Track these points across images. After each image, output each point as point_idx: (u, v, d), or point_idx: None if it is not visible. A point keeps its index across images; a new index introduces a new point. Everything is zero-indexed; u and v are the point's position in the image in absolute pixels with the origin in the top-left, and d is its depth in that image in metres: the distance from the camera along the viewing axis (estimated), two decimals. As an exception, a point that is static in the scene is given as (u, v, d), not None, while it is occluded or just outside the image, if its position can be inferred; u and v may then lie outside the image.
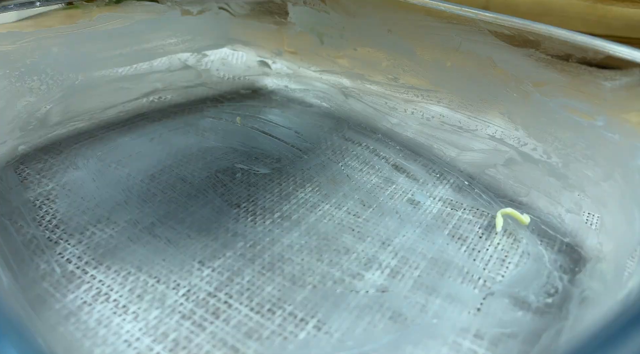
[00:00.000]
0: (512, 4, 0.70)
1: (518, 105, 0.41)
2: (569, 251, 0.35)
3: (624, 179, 0.33)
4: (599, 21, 0.67)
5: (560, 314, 0.29)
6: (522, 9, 0.70)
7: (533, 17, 0.70)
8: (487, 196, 0.41)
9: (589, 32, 0.69)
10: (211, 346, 0.28)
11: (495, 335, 0.29)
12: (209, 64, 0.58)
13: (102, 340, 0.28)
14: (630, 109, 0.33)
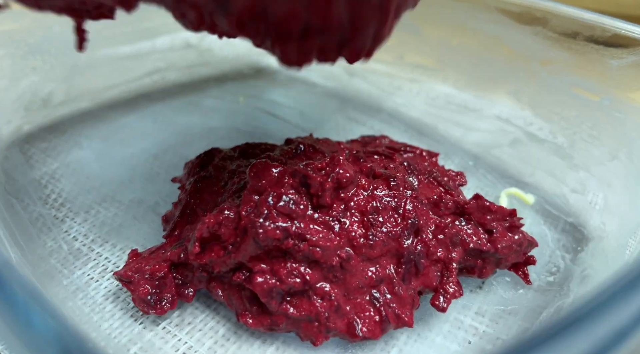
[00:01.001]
0: (521, -19, 0.68)
1: (525, 84, 0.40)
2: (572, 231, 0.35)
3: (629, 159, 0.33)
4: (611, 0, 0.65)
5: (562, 292, 0.30)
6: (531, -14, 0.68)
7: (542, -5, 0.69)
8: (492, 176, 0.41)
9: (599, 9, 0.68)
10: (216, 322, 0.28)
11: (496, 312, 0.29)
12: (211, 43, 0.58)
13: (110, 315, 0.28)
14: (637, 87, 0.33)
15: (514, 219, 0.29)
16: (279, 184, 0.26)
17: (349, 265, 0.26)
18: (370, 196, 0.27)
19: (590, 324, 0.13)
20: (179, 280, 0.28)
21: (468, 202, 0.29)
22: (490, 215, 0.29)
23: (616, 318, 0.13)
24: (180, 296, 0.28)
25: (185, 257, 0.27)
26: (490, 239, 0.29)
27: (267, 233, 0.25)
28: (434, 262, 0.28)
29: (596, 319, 0.13)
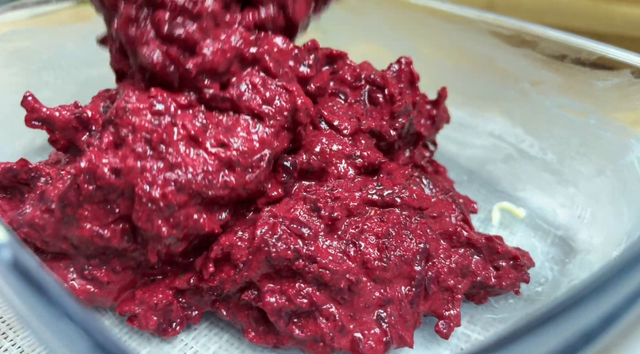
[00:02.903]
0: (517, 1, 0.70)
1: (516, 103, 0.42)
2: (561, 244, 0.36)
3: (614, 175, 0.34)
4: (602, 19, 0.67)
5: (549, 301, 0.31)
6: (526, 6, 0.71)
7: (537, 14, 0.71)
8: (485, 190, 0.42)
9: (592, 29, 0.70)
10: (220, 329, 0.30)
11: (488, 321, 0.31)
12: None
13: (119, 320, 0.30)
14: (620, 108, 0.34)
15: (519, 260, 0.30)
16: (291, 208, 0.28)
17: (357, 288, 0.27)
18: (383, 221, 0.29)
19: (556, 325, 0.14)
20: (184, 304, 0.29)
21: (478, 240, 0.30)
22: (498, 255, 0.30)
23: (583, 319, 0.15)
24: (187, 319, 0.29)
25: (196, 282, 0.28)
26: (497, 275, 0.30)
27: (280, 253, 0.26)
28: (443, 290, 0.29)
29: (564, 320, 0.15)
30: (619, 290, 0.16)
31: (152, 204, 0.24)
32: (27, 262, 0.15)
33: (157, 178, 0.25)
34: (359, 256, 0.27)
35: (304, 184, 0.31)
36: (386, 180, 0.31)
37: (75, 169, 0.25)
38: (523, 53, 0.40)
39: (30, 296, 0.14)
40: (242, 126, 0.28)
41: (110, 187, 0.25)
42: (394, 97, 0.35)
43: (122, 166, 0.25)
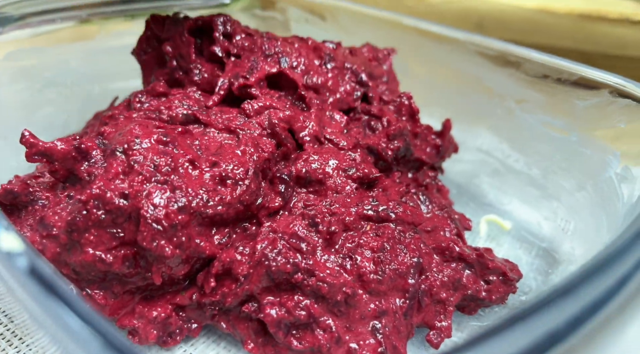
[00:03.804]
0: (505, 21, 0.73)
1: (502, 120, 0.44)
2: (545, 255, 0.38)
3: (594, 190, 0.36)
4: (587, 39, 0.70)
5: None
6: (515, 26, 0.73)
7: (524, 34, 0.74)
8: (473, 203, 0.44)
9: (578, 48, 0.73)
10: (217, 336, 0.31)
11: (473, 328, 0.32)
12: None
13: (120, 329, 0.31)
14: (599, 126, 0.36)
15: (508, 275, 0.32)
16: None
17: (353, 300, 0.28)
18: (378, 236, 0.30)
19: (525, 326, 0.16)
20: (184, 317, 0.30)
21: (470, 255, 0.32)
22: (488, 271, 0.32)
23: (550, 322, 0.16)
24: (187, 332, 0.30)
25: (198, 298, 0.29)
26: (487, 288, 0.32)
27: (279, 267, 0.27)
28: (435, 302, 0.31)
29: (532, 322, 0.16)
30: (584, 296, 0.18)
31: (157, 225, 0.26)
32: (42, 269, 0.17)
33: (161, 200, 0.27)
34: (355, 270, 0.29)
35: (303, 196, 0.32)
36: (381, 196, 0.33)
37: (85, 196, 0.26)
38: (508, 73, 0.41)
39: (46, 300, 0.16)
40: (225, 144, 0.31)
41: (118, 211, 0.26)
42: (391, 123, 0.37)
43: (129, 190, 0.27)
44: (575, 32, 0.70)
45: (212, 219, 0.28)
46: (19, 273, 0.17)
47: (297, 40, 0.41)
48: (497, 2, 0.72)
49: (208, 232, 0.29)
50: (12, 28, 0.47)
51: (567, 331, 0.17)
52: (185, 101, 0.35)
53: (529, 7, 0.70)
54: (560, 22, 0.69)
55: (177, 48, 0.39)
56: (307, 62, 0.38)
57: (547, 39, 0.72)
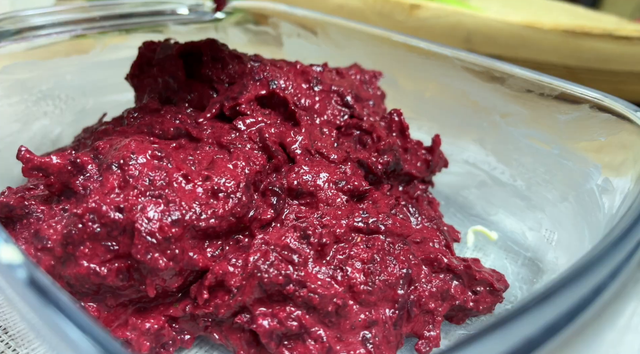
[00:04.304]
0: (492, 36, 0.75)
1: (488, 133, 0.45)
2: (530, 265, 0.39)
3: (576, 201, 0.37)
4: (571, 54, 0.72)
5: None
6: (502, 41, 0.75)
7: (511, 48, 0.76)
8: (461, 214, 0.45)
9: (563, 63, 0.75)
10: (210, 346, 0.32)
11: (460, 337, 0.33)
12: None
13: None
14: (580, 139, 0.38)
15: (495, 285, 0.33)
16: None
17: (344, 311, 0.28)
18: (368, 248, 0.31)
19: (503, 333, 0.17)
20: (177, 329, 0.30)
21: (458, 267, 0.32)
22: (476, 282, 0.33)
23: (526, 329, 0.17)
24: (180, 343, 0.30)
25: (191, 310, 0.30)
26: (474, 299, 0.32)
27: (272, 278, 0.28)
28: (424, 312, 0.31)
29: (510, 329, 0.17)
30: (559, 304, 0.18)
31: (151, 238, 0.27)
32: (41, 280, 0.17)
33: (155, 214, 0.27)
34: (346, 281, 0.29)
35: (295, 208, 0.33)
36: (371, 208, 0.34)
37: (82, 209, 0.27)
38: (493, 88, 0.43)
39: (45, 310, 0.16)
40: (217, 158, 0.32)
41: (113, 224, 0.27)
42: (381, 139, 0.38)
43: (125, 204, 0.27)
44: (560, 47, 0.72)
45: (206, 232, 0.29)
46: (19, 284, 0.17)
47: (285, 64, 0.42)
48: (484, 18, 0.74)
49: (201, 245, 0.29)
50: (8, 42, 0.47)
51: (544, 337, 0.18)
52: (177, 117, 0.36)
53: (516, 23, 0.72)
54: (546, 37, 0.71)
55: (168, 70, 0.40)
56: (296, 85, 0.39)
57: (533, 53, 0.74)
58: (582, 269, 0.20)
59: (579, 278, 0.20)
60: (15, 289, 0.17)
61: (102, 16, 0.52)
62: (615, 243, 0.22)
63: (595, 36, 0.69)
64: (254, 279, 0.28)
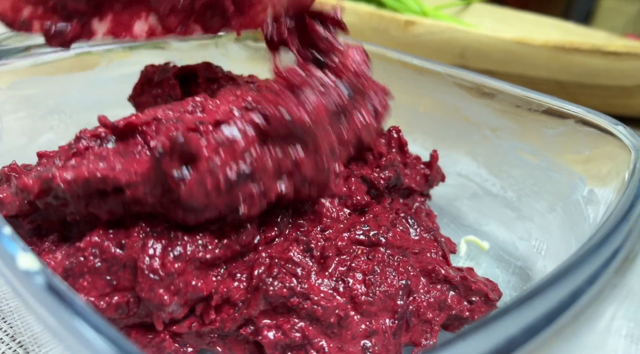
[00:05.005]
0: (485, 51, 0.77)
1: (480, 146, 0.47)
2: (520, 273, 0.40)
3: (564, 212, 0.39)
4: (561, 69, 0.74)
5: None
6: (494, 56, 0.77)
7: (504, 63, 0.78)
8: (454, 224, 0.47)
9: (554, 78, 0.77)
10: None
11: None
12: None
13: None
14: (566, 152, 0.39)
15: (490, 296, 0.34)
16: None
17: (345, 322, 0.29)
18: (369, 260, 0.32)
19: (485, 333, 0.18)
20: (180, 342, 0.31)
21: (454, 278, 0.34)
22: (471, 292, 0.34)
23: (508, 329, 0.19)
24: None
25: (197, 327, 0.30)
26: (470, 308, 0.34)
27: (276, 291, 0.29)
28: (422, 322, 0.32)
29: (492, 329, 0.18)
30: (538, 307, 0.20)
31: (154, 275, 0.27)
32: (58, 285, 0.19)
33: (157, 250, 0.28)
34: (348, 292, 0.30)
35: (298, 222, 0.34)
36: (372, 221, 0.35)
37: (84, 243, 0.27)
38: (484, 103, 0.45)
39: (63, 313, 0.18)
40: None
41: (114, 260, 0.27)
42: (382, 155, 0.39)
43: (126, 240, 0.28)
44: (550, 62, 0.74)
45: (209, 261, 0.29)
46: (37, 290, 0.19)
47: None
48: (477, 34, 0.76)
49: (205, 274, 0.30)
50: (16, 59, 0.49)
51: (525, 337, 0.19)
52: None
53: (508, 39, 0.74)
54: (537, 53, 0.74)
55: (166, 90, 0.42)
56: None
57: (525, 68, 0.76)
58: (560, 275, 0.21)
59: (557, 283, 0.21)
60: (34, 294, 0.19)
61: (107, 34, 0.54)
62: (592, 251, 0.23)
63: (584, 52, 0.72)
64: (259, 292, 0.29)
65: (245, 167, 0.28)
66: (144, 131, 0.29)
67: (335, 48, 0.37)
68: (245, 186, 0.29)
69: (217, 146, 0.27)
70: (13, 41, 0.49)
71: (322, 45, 0.38)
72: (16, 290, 0.20)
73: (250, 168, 0.28)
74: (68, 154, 0.29)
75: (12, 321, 0.32)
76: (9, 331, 0.34)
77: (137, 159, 0.28)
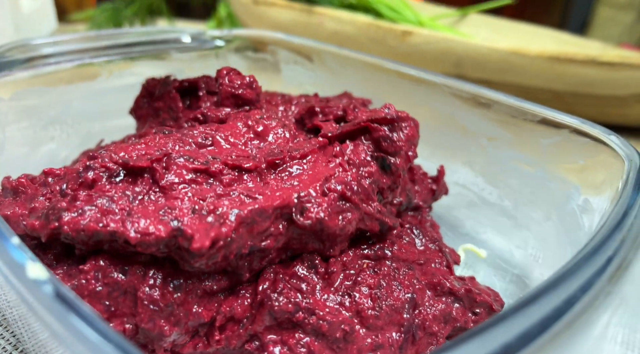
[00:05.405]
0: (481, 61, 0.78)
1: (477, 156, 0.48)
2: (517, 281, 0.41)
3: (559, 220, 0.40)
4: (557, 78, 0.75)
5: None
6: (490, 66, 0.78)
7: (499, 73, 0.79)
8: (452, 233, 0.47)
9: (549, 87, 0.78)
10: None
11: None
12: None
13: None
14: (561, 161, 0.40)
15: (494, 307, 0.34)
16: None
17: (351, 337, 0.30)
18: (375, 274, 0.32)
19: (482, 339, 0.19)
20: None
21: (459, 290, 0.34)
22: (476, 304, 0.34)
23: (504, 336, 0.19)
24: None
25: (202, 348, 0.30)
26: (474, 319, 0.34)
27: (282, 306, 0.29)
28: (428, 335, 0.32)
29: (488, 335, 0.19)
30: (533, 314, 0.20)
31: (154, 306, 0.27)
32: (66, 294, 0.19)
33: (157, 281, 0.28)
34: (354, 306, 0.30)
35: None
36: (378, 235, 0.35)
37: (88, 266, 0.27)
38: (480, 113, 0.45)
39: (70, 320, 0.18)
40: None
41: (115, 285, 0.27)
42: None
43: (128, 267, 0.28)
44: (546, 72, 0.75)
45: (212, 291, 0.29)
46: (46, 298, 0.19)
47: (280, 98, 0.45)
48: (473, 44, 0.77)
49: (206, 301, 0.30)
50: (19, 70, 0.50)
51: (520, 343, 0.20)
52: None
53: (503, 49, 0.75)
54: (532, 63, 0.75)
55: (167, 102, 0.42)
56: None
57: (521, 78, 0.77)
58: (555, 283, 0.22)
59: (552, 290, 0.22)
60: (42, 302, 0.19)
61: (108, 45, 0.54)
62: (586, 259, 0.24)
63: (579, 62, 0.73)
64: (264, 307, 0.29)
65: (261, 244, 0.29)
66: (154, 168, 0.29)
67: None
68: (254, 256, 0.30)
69: (239, 225, 0.27)
70: (15, 53, 0.50)
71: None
72: (24, 298, 0.20)
73: (266, 246, 0.29)
74: (75, 184, 0.29)
75: (15, 330, 0.32)
76: (12, 340, 0.34)
77: (150, 216, 0.27)
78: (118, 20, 1.04)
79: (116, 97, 0.57)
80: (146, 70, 0.59)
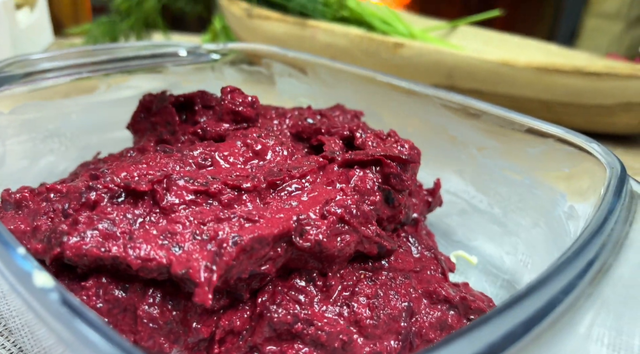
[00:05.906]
0: (472, 72, 0.80)
1: (467, 165, 0.49)
2: (508, 286, 0.42)
3: (547, 227, 0.41)
4: (545, 88, 0.77)
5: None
6: (480, 77, 0.80)
7: (489, 84, 0.81)
8: (444, 240, 0.48)
9: (538, 97, 0.80)
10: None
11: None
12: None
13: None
14: (547, 170, 0.41)
15: (488, 310, 0.35)
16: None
17: (349, 347, 0.30)
18: (373, 283, 0.33)
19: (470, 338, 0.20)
20: None
21: (454, 298, 0.35)
22: (471, 311, 0.35)
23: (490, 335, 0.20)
24: None
25: None
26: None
27: (280, 318, 0.29)
28: (425, 342, 0.33)
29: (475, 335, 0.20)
30: (517, 315, 0.22)
31: (153, 324, 0.28)
32: (72, 300, 0.20)
33: (157, 299, 0.28)
34: (352, 316, 0.31)
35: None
36: None
37: (91, 283, 0.28)
38: (469, 123, 0.47)
39: (77, 326, 0.19)
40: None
41: (116, 302, 0.28)
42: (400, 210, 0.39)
43: (129, 284, 0.28)
44: (534, 82, 0.77)
45: (211, 308, 0.30)
46: (53, 305, 0.20)
47: (274, 111, 0.46)
48: (464, 56, 0.79)
49: (205, 318, 0.30)
50: (18, 85, 0.51)
51: (505, 343, 0.21)
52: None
53: (493, 61, 0.77)
54: (521, 74, 0.76)
55: (164, 117, 0.43)
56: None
57: (510, 88, 0.79)
58: (538, 285, 0.23)
59: (535, 292, 0.23)
60: (49, 310, 0.20)
61: (106, 60, 0.56)
62: (568, 262, 0.25)
63: (566, 73, 0.75)
64: (263, 319, 0.30)
65: (261, 269, 0.29)
66: (155, 190, 0.30)
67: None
68: (254, 279, 0.30)
69: (239, 253, 0.27)
70: (14, 68, 0.51)
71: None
72: (31, 306, 0.21)
73: (265, 270, 0.30)
74: (77, 204, 0.29)
75: (18, 338, 0.33)
76: (13, 350, 0.35)
77: (152, 241, 0.27)
78: (114, 33, 1.06)
79: (114, 110, 0.58)
80: (143, 83, 0.60)
